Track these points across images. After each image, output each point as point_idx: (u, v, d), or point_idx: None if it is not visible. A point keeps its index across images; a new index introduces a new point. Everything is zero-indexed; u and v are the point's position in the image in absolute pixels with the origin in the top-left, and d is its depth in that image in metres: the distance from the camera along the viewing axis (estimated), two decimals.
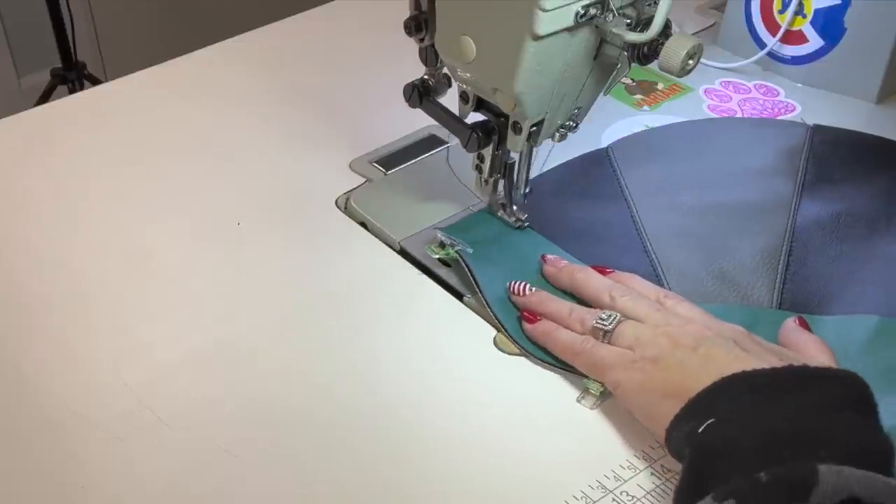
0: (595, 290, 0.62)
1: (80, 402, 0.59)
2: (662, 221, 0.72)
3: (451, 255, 0.68)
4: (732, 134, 0.83)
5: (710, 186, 0.75)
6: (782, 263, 0.67)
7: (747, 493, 0.43)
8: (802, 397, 0.48)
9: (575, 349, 0.59)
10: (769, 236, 0.69)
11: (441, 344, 0.63)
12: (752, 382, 0.50)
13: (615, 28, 0.59)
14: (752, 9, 0.92)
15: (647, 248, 0.69)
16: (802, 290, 0.65)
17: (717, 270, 0.67)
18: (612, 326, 0.58)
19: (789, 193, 0.73)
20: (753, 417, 0.48)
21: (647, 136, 0.82)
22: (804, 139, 0.80)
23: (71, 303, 0.66)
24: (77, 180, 0.78)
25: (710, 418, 0.49)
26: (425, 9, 0.66)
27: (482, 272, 0.66)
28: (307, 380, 0.61)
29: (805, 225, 0.70)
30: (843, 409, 0.48)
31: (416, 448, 0.56)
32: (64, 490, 0.54)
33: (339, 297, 0.67)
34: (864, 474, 0.43)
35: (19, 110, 0.87)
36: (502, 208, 0.71)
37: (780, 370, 0.51)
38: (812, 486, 0.42)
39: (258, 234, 0.73)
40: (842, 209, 0.71)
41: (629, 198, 0.74)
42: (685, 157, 0.79)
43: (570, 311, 0.61)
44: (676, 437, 0.51)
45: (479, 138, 0.66)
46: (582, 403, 0.59)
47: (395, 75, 0.75)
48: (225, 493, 0.54)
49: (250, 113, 0.87)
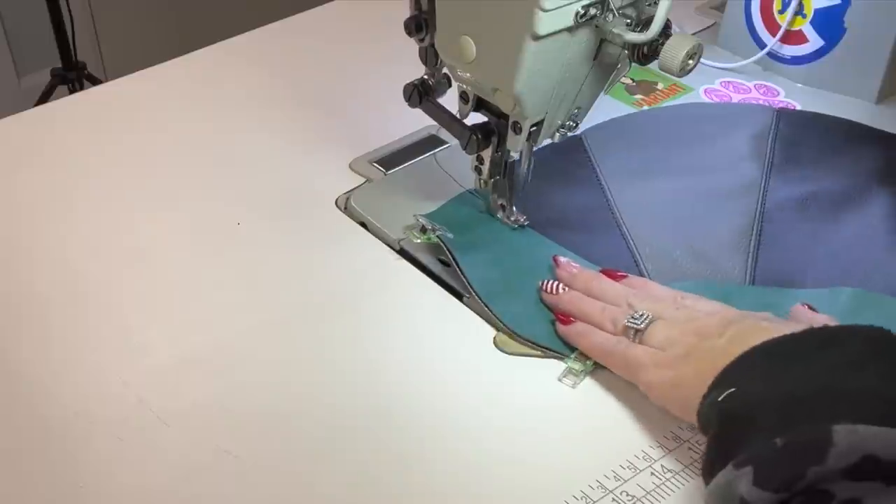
0: (612, 298, 0.62)
1: (80, 402, 0.59)
2: (637, 204, 0.73)
3: (432, 239, 0.69)
4: (701, 119, 0.84)
5: (681, 169, 0.77)
6: (753, 242, 0.69)
7: (764, 459, 0.44)
8: (822, 358, 0.48)
9: (608, 349, 0.59)
10: (740, 216, 0.71)
11: (441, 344, 0.63)
12: (772, 350, 0.50)
13: (615, 28, 0.59)
14: (751, 9, 0.92)
15: (622, 230, 0.71)
16: (773, 267, 0.67)
17: (690, 249, 0.69)
18: (645, 326, 0.58)
19: (758, 175, 0.75)
20: (772, 382, 0.48)
21: (620, 122, 0.83)
22: (770, 122, 0.82)
23: (71, 303, 0.66)
24: (77, 180, 0.78)
25: (731, 388, 0.49)
26: (425, 9, 0.66)
27: (464, 256, 0.67)
28: (307, 379, 0.61)
29: (774, 205, 0.72)
30: (864, 366, 0.47)
31: (415, 448, 0.56)
32: (64, 490, 0.54)
33: (338, 297, 0.67)
34: (880, 430, 0.42)
35: (19, 110, 0.87)
36: (501, 210, 0.71)
37: (799, 334, 0.50)
38: (828, 447, 0.42)
39: (258, 234, 0.73)
40: (809, 189, 0.73)
41: (604, 182, 0.76)
42: (657, 141, 0.81)
43: (602, 309, 0.62)
44: (702, 413, 0.51)
45: (479, 140, 0.66)
46: (563, 382, 0.60)
47: (395, 75, 0.75)
48: (225, 493, 0.54)
49: (250, 113, 0.87)
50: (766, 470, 0.43)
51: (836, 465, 0.42)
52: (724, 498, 0.45)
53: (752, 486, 0.43)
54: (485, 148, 0.66)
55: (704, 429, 0.51)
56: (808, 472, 0.42)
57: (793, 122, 0.82)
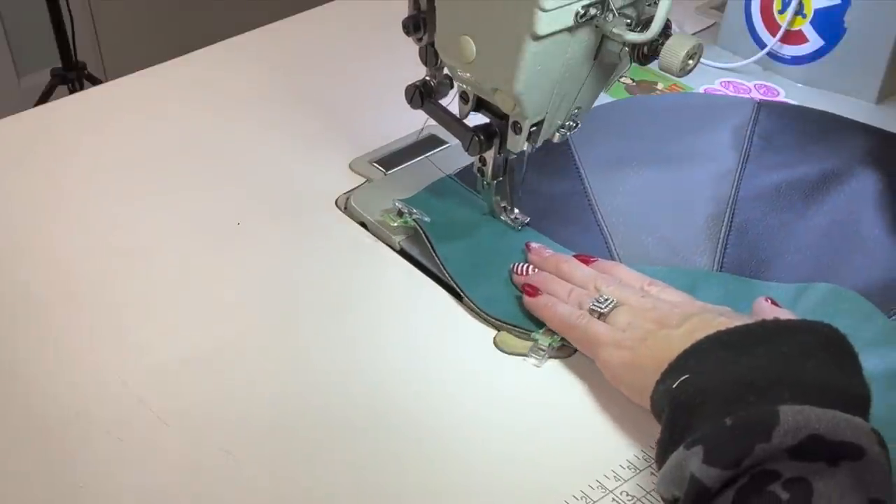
0: (580, 280, 0.64)
1: (80, 402, 0.59)
2: (612, 192, 0.74)
3: (408, 223, 0.70)
4: (682, 110, 0.85)
5: (658, 159, 0.78)
6: (724, 230, 0.70)
7: (713, 437, 0.45)
8: (772, 348, 0.49)
9: (570, 322, 0.60)
10: (714, 204, 0.72)
11: (440, 344, 0.63)
12: (725, 339, 0.52)
13: (615, 28, 0.59)
14: (752, 9, 0.92)
15: (597, 217, 0.72)
16: (742, 255, 0.68)
17: (661, 237, 0.70)
18: (608, 310, 0.60)
19: (734, 165, 0.76)
20: (723, 369, 0.49)
21: (602, 111, 0.84)
22: (751, 114, 0.82)
23: (70, 303, 0.66)
24: (77, 180, 0.78)
25: (684, 375, 0.50)
26: (425, 8, 0.66)
27: (439, 239, 0.68)
28: (306, 380, 0.61)
29: (747, 195, 0.73)
30: (812, 356, 0.48)
31: (415, 448, 0.56)
32: (64, 490, 0.54)
33: (338, 297, 0.67)
34: (824, 412, 0.44)
35: (19, 110, 0.87)
36: (504, 211, 0.71)
37: (752, 325, 0.52)
38: (774, 425, 0.44)
39: (258, 234, 0.73)
40: (782, 180, 0.74)
41: (582, 170, 0.76)
42: (637, 131, 0.82)
43: (569, 291, 0.63)
44: (655, 399, 0.52)
45: (481, 142, 0.66)
46: (529, 359, 0.61)
47: (395, 75, 0.75)
48: (225, 493, 0.54)
49: (250, 113, 0.87)
50: (716, 448, 0.45)
51: (783, 443, 0.43)
52: (675, 479, 0.46)
53: (702, 464, 0.44)
54: (487, 149, 0.66)
55: (658, 415, 0.52)
56: (756, 449, 0.43)
57: (773, 113, 0.83)
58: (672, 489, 0.47)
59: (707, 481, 0.44)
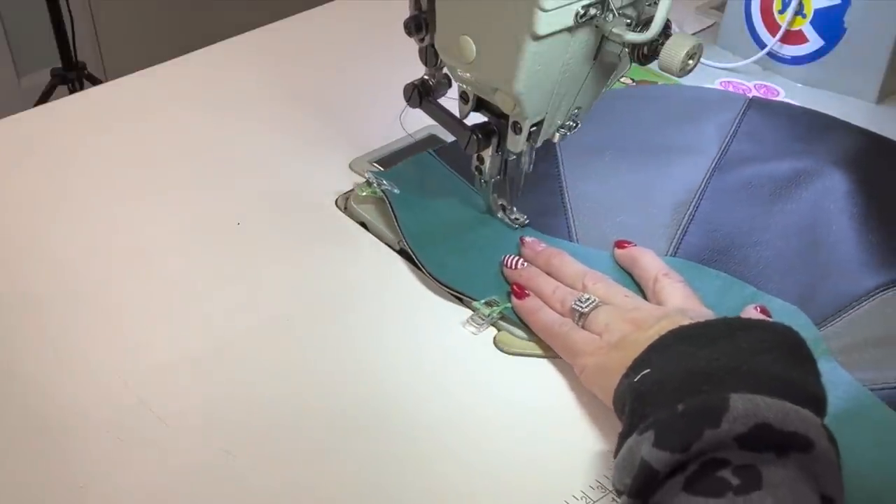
0: (570, 276, 0.64)
1: (80, 402, 0.59)
2: (583, 177, 0.75)
3: (376, 193, 0.72)
4: (673, 101, 0.85)
5: (636, 147, 0.78)
6: (687, 217, 0.71)
7: (665, 423, 0.46)
8: (729, 342, 0.50)
9: (553, 331, 0.61)
10: (684, 193, 0.73)
11: (441, 344, 0.63)
12: (686, 334, 0.52)
13: (615, 28, 0.59)
14: (752, 9, 0.92)
15: (564, 202, 0.73)
16: (699, 243, 0.69)
17: (619, 222, 0.71)
18: (589, 310, 0.60)
19: (711, 157, 0.76)
20: (680, 362, 0.50)
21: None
22: (740, 110, 0.82)
23: (70, 303, 0.66)
24: (77, 180, 0.78)
25: (646, 370, 0.51)
26: (425, 9, 0.66)
27: (403, 209, 0.70)
28: (306, 380, 0.61)
29: (717, 186, 0.73)
30: (769, 352, 0.49)
31: (415, 448, 0.56)
32: (64, 490, 0.54)
33: (338, 297, 0.67)
34: (775, 402, 0.44)
35: (19, 110, 0.87)
36: (502, 210, 0.71)
37: (713, 321, 0.53)
38: (724, 412, 0.44)
39: (258, 234, 0.73)
40: (754, 175, 0.74)
41: (559, 154, 0.77)
42: (620, 120, 0.82)
43: (553, 289, 0.64)
44: (619, 392, 0.53)
45: (479, 140, 0.66)
46: (467, 328, 0.63)
47: (395, 76, 0.75)
48: (225, 493, 0.54)
49: (250, 113, 0.87)
50: (666, 432, 0.45)
51: (732, 430, 0.44)
52: (627, 465, 0.47)
53: (652, 448, 0.45)
54: (485, 148, 0.67)
55: (620, 410, 0.53)
56: (705, 434, 0.44)
57: (763, 110, 0.83)
58: (623, 477, 0.47)
59: (656, 464, 0.45)
